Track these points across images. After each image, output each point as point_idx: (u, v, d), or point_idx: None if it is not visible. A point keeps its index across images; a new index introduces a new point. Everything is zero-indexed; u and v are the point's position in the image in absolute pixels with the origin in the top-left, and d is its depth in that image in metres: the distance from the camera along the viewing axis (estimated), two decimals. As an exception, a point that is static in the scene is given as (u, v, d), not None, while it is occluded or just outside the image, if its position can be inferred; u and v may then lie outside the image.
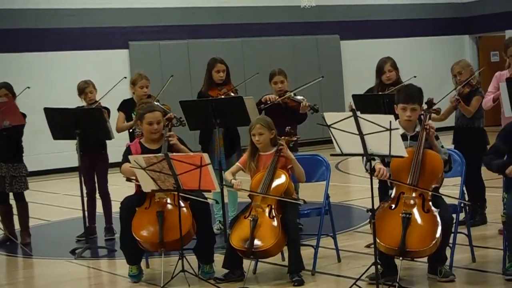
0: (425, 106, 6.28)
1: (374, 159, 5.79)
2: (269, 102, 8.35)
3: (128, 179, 6.79)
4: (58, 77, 16.58)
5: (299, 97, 8.40)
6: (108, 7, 17.67)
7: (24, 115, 8.65)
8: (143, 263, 7.01)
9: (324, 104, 16.51)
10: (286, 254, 6.65)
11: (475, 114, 8.09)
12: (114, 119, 8.75)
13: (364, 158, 5.78)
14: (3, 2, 16.72)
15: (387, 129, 5.42)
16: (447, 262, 6.16)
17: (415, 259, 6.22)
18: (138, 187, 6.70)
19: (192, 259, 6.63)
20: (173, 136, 6.92)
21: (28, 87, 9.19)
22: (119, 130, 8.79)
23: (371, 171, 5.80)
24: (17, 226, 8.99)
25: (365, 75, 11.14)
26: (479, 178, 8.10)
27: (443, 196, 6.05)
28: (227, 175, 6.86)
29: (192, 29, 18.39)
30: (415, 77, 8.30)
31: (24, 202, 8.90)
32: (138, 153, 6.71)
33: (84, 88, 8.92)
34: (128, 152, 6.84)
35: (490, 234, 7.77)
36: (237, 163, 6.94)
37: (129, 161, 6.53)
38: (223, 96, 8.35)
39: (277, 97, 8.40)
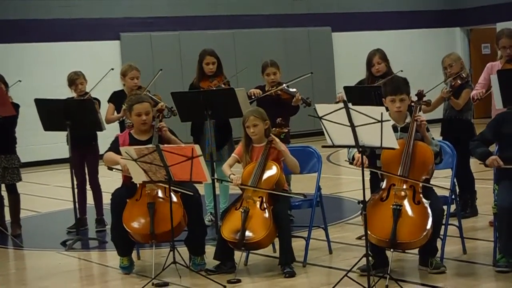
0: (415, 98, 6.29)
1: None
2: (253, 97, 8.35)
3: (110, 168, 6.77)
4: (49, 69, 16.53)
5: (292, 90, 8.39)
6: (99, -2, 17.65)
7: (17, 106, 8.61)
8: (134, 255, 7.00)
9: (315, 96, 16.41)
10: (277, 246, 6.66)
11: (464, 107, 8.12)
12: (105, 110, 8.74)
13: (349, 149, 5.82)
14: (-8, -7, 16.69)
15: (378, 121, 5.41)
16: (438, 254, 6.17)
17: (406, 251, 6.23)
18: (125, 177, 6.69)
19: (183, 250, 6.63)
20: (163, 127, 6.90)
21: (20, 81, 9.14)
22: (108, 122, 8.76)
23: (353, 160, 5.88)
24: (7, 217, 8.97)
25: (356, 67, 11.12)
26: (467, 170, 8.12)
27: (435, 188, 6.05)
28: (225, 168, 6.79)
29: (183, 20, 18.36)
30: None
31: (16, 194, 8.86)
32: (125, 144, 6.69)
33: (75, 80, 8.89)
34: (115, 142, 6.83)
35: (481, 226, 7.79)
36: (233, 154, 6.89)
37: (113, 150, 6.58)
38: (214, 88, 8.34)
39: (261, 91, 8.40)
